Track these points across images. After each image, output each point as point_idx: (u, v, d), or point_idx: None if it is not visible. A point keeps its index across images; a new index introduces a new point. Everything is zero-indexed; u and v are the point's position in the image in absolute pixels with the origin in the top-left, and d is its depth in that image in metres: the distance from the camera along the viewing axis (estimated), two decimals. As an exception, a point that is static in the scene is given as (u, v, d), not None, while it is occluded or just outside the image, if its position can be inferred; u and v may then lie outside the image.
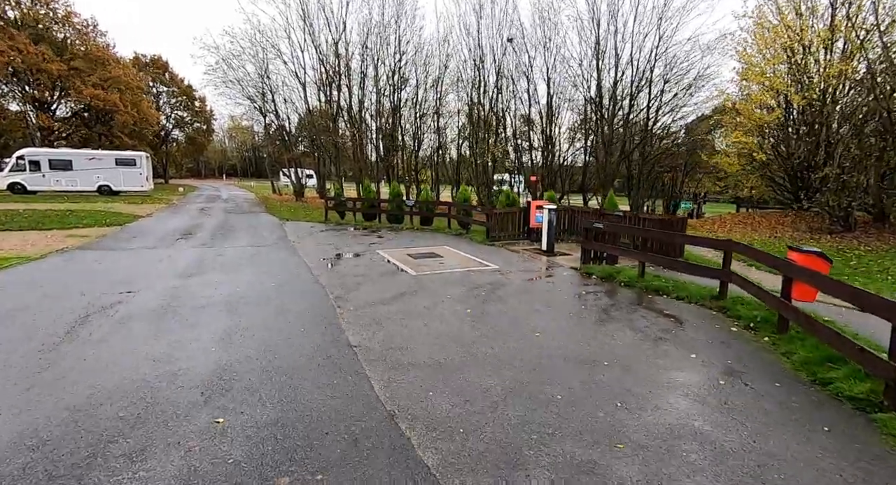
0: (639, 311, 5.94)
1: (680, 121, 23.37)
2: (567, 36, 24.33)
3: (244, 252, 10.15)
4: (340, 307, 5.97)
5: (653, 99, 22.56)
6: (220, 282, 7.25)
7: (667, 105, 22.66)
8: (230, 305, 5.92)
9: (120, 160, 26.89)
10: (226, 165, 78.21)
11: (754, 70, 16.22)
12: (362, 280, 7.67)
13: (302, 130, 32.15)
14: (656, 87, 22.36)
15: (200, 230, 13.74)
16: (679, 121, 23.37)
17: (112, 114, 36.47)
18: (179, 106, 52.92)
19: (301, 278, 7.71)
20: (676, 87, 21.60)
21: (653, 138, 23.64)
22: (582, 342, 4.77)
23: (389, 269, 8.74)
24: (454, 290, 7.06)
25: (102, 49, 37.66)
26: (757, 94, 16.21)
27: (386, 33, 24.62)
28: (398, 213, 16.99)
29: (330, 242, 12.23)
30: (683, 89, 21.46)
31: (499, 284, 7.55)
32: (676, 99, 22.10)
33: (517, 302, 6.39)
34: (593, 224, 8.46)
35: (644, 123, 23.25)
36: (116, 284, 6.99)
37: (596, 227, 8.40)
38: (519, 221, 12.73)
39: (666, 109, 22.66)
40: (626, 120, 23.38)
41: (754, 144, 16.93)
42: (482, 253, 10.66)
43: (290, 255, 10.05)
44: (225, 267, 8.47)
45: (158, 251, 10.01)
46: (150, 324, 5.13)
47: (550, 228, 10.58)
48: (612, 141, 23.87)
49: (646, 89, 22.33)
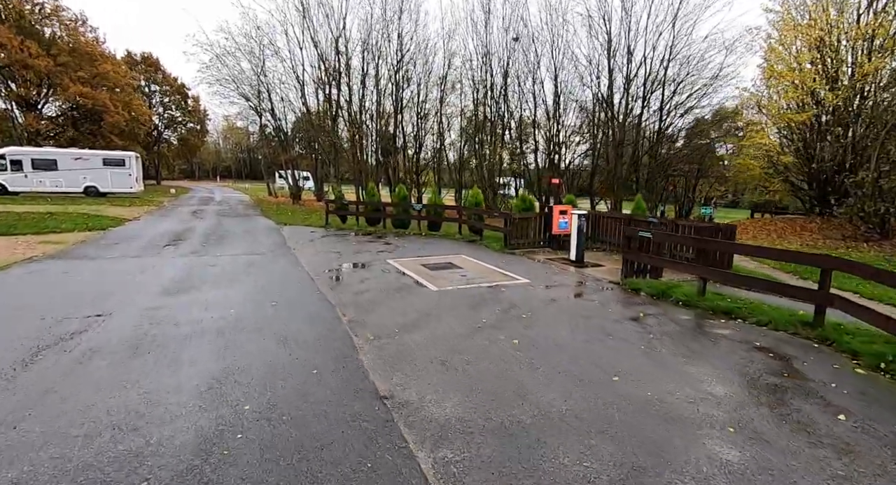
0: (721, 342, 4.89)
1: (693, 123, 22.52)
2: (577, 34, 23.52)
3: (239, 262, 9.02)
4: (357, 336, 4.88)
5: (666, 100, 21.68)
6: (212, 301, 6.13)
7: (681, 106, 21.80)
8: (223, 335, 4.80)
9: (108, 160, 25.61)
10: (220, 167, 76.78)
11: (783, 67, 15.35)
12: (377, 297, 6.58)
13: (299, 131, 31.01)
14: (669, 88, 21.50)
15: (191, 236, 12.58)
16: (692, 123, 22.52)
17: (101, 113, 35.10)
18: (172, 105, 51.56)
19: (306, 295, 6.61)
20: (691, 88, 20.72)
21: (665, 140, 22.75)
22: (677, 393, 3.71)
23: (405, 282, 7.65)
24: (487, 311, 5.99)
25: (91, 44, 36.36)
26: (785, 92, 15.32)
27: (388, 30, 23.60)
28: (404, 217, 15.92)
29: (333, 249, 11.12)
30: (699, 89, 20.59)
31: (536, 302, 6.49)
32: (691, 100, 21.24)
33: (568, 329, 5.32)
34: (639, 233, 7.43)
35: (657, 125, 22.35)
36: (86, 303, 5.85)
37: (643, 236, 7.37)
38: (540, 227, 11.70)
39: (680, 111, 21.80)
40: (639, 121, 22.50)
41: (776, 146, 16.07)
42: (504, 263, 9.60)
43: (290, 265, 8.94)
44: (217, 281, 7.35)
45: (142, 261, 8.86)
46: (119, 365, 4.01)
47: (580, 236, 9.55)
48: (622, 143, 22.96)
49: (659, 90, 21.45)
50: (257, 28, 25.52)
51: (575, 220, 9.57)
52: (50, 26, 34.81)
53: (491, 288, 7.36)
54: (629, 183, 23.40)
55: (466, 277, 8.12)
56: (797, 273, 9.21)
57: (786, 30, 15.39)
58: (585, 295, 7.02)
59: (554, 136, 23.86)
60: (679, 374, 4.08)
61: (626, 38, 21.09)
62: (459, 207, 14.76)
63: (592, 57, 22.17)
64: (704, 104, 21.32)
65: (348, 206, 17.37)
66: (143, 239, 11.74)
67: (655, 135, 22.53)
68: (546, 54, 22.71)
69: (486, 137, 25.58)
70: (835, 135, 15.17)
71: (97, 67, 35.82)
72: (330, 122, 26.58)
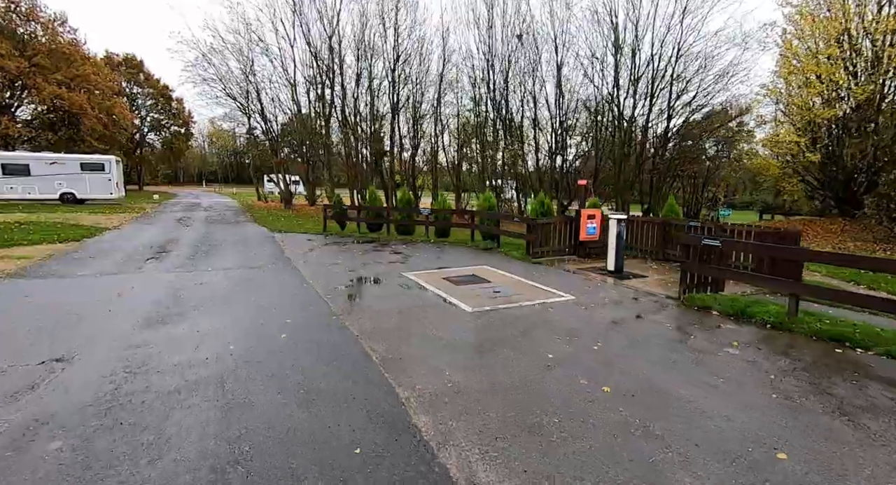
0: (868, 388, 3.86)
1: (702, 122, 21.78)
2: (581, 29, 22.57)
3: (234, 278, 7.81)
4: (400, 385, 3.75)
5: (674, 98, 20.91)
6: (205, 333, 4.94)
7: (690, 105, 21.06)
8: (222, 387, 3.64)
9: (86, 165, 24.04)
10: (206, 171, 74.78)
11: (802, 61, 14.60)
12: (405, 323, 5.46)
13: (291, 132, 29.68)
14: (678, 86, 20.75)
15: (177, 247, 11.30)
16: (701, 121, 21.77)
17: (80, 117, 33.34)
18: (155, 108, 49.73)
19: (319, 322, 5.46)
20: (699, 86, 19.95)
21: (673, 140, 21.98)
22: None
23: (432, 301, 6.53)
24: (545, 340, 4.91)
25: (71, 45, 34.63)
26: (808, 87, 14.56)
27: (384, 26, 22.51)
28: (409, 223, 14.80)
29: (338, 260, 9.95)
30: (708, 87, 19.83)
31: (597, 327, 5.42)
32: (699, 98, 20.49)
33: (659, 367, 4.26)
34: (703, 240, 6.42)
35: (665, 124, 21.58)
36: (44, 342, 4.63)
37: (709, 244, 6.36)
38: (566, 233, 10.67)
39: (689, 109, 21.05)
40: (646, 120, 21.71)
41: (799, 144, 15.30)
42: (535, 275, 8.53)
43: (294, 280, 7.76)
44: (210, 304, 6.15)
45: (120, 279, 7.59)
46: (75, 453, 2.82)
47: (619, 243, 8.52)
48: (629, 143, 22.16)
49: (667, 88, 20.67)
50: (247, 24, 24.29)
51: (614, 226, 8.54)
52: (25, 26, 33.01)
53: (534, 307, 6.27)
54: (635, 184, 22.60)
55: (500, 293, 7.03)
56: (857, 281, 8.29)
57: (805, 23, 14.65)
58: (649, 316, 5.97)
59: (557, 136, 22.99)
60: (866, 447, 3.03)
61: (633, 33, 20.30)
62: (471, 212, 13.68)
63: (598, 53, 21.33)
64: (714, 102, 20.61)
65: (347, 211, 16.19)
66: (123, 252, 10.43)
67: (663, 134, 21.76)
68: (549, 51, 21.88)
69: (486, 138, 24.63)
70: (862, 131, 14.44)
71: (76, 69, 34.10)
72: (323, 123, 25.36)
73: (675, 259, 9.79)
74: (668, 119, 21.41)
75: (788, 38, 15.56)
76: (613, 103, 21.78)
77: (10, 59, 29.18)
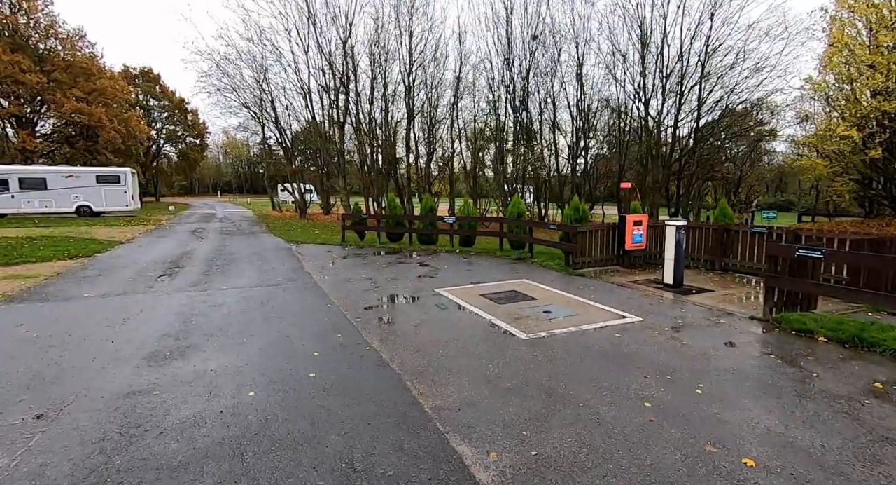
0: None
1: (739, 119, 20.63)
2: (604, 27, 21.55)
3: (251, 298, 7.05)
4: (472, 456, 2.88)
5: (705, 95, 19.84)
6: (220, 373, 4.14)
7: (720, 103, 19.96)
8: (240, 458, 2.80)
9: (102, 177, 23.81)
10: (220, 182, 75.32)
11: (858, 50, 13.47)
12: (454, 355, 4.59)
13: (305, 141, 29.23)
14: (709, 82, 19.68)
15: (191, 262, 10.64)
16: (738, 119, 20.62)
17: (97, 130, 33.44)
18: (171, 120, 50.07)
19: (352, 356, 4.62)
20: (735, 81, 18.83)
21: (705, 140, 20.85)
22: None
23: (477, 325, 5.66)
24: (631, 380, 3.99)
25: (89, 59, 34.88)
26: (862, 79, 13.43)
27: (399, 29, 21.90)
28: (431, 232, 13.99)
29: (362, 274, 9.15)
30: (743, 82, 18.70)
31: (687, 362, 4.48)
32: (732, 95, 19.37)
33: (800, 425, 3.32)
34: (798, 251, 5.44)
35: (696, 123, 20.47)
36: (27, 387, 3.87)
37: (807, 255, 5.37)
38: (608, 241, 9.72)
39: (720, 107, 19.95)
40: (676, 120, 20.66)
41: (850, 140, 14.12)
42: (582, 290, 7.61)
43: (317, 301, 6.96)
44: (225, 333, 5.37)
45: (127, 301, 6.89)
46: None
47: (679, 252, 7.55)
48: (657, 143, 21.11)
49: (698, 84, 19.60)
50: (260, 32, 23.93)
51: (672, 233, 7.58)
52: (44, 41, 33.32)
53: (599, 332, 5.36)
54: (663, 187, 21.48)
55: (553, 314, 6.13)
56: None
57: (859, 7, 13.55)
58: (743, 344, 5.01)
59: (578, 138, 22.08)
60: None
61: (661, 27, 19.32)
62: (501, 219, 12.80)
63: (623, 51, 20.39)
64: (748, 99, 19.48)
65: (367, 220, 15.44)
66: (134, 268, 9.79)
67: (693, 133, 20.66)
68: (568, 51, 21.01)
69: (505, 142, 23.81)
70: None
71: (94, 83, 34.32)
72: (337, 130, 24.81)
73: (737, 269, 8.78)
74: (697, 118, 20.35)
75: (840, 26, 14.44)
76: (640, 102, 20.79)
77: (31, 73, 29.35)
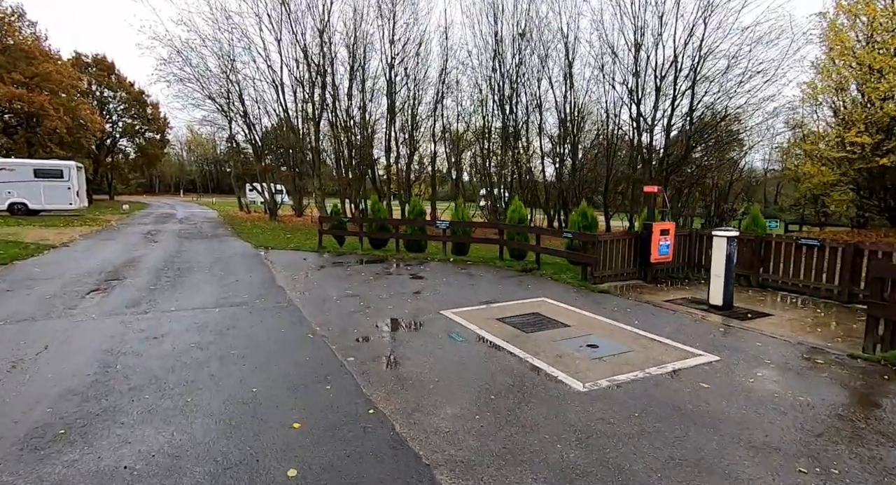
0: None
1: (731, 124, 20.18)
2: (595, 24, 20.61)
3: (207, 325, 5.42)
4: None
5: (699, 99, 19.28)
6: (136, 470, 2.58)
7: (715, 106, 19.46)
8: None
9: (40, 171, 21.11)
10: (183, 180, 71.18)
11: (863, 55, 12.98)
12: (499, 425, 3.18)
13: (276, 138, 27.15)
14: (701, 87, 19.13)
15: (135, 271, 8.80)
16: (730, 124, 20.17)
17: (39, 118, 30.28)
18: (128, 112, 46.48)
19: (352, 428, 3.13)
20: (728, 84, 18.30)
21: (699, 145, 20.30)
22: None
23: (511, 367, 4.27)
24: (764, 467, 2.71)
25: (30, 42, 31.63)
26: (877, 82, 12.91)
27: (381, 18, 20.41)
28: (420, 238, 12.56)
29: (346, 289, 7.61)
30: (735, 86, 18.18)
31: (803, 429, 3.24)
32: (725, 98, 18.87)
33: None
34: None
35: (689, 128, 19.88)
36: None
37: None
38: (629, 252, 8.56)
39: (717, 110, 19.43)
40: (668, 124, 20.01)
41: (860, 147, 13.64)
42: (617, 312, 6.36)
43: (294, 328, 5.41)
44: (161, 386, 3.77)
45: (31, 330, 5.14)
46: None
47: (729, 269, 6.40)
48: (650, 149, 20.43)
49: (691, 88, 19.02)
50: (227, 18, 21.86)
51: (722, 246, 6.41)
52: (-23, 22, 29.93)
53: (677, 381, 4.07)
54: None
55: (600, 350, 4.82)
56: None
57: (868, 9, 13.07)
58: (859, 396, 3.83)
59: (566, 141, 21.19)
60: None
61: (657, 26, 18.63)
62: (500, 225, 11.49)
63: (616, 51, 19.59)
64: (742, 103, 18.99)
65: (347, 224, 13.83)
66: (59, 280, 7.91)
67: (687, 139, 20.07)
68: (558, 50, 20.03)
69: (490, 144, 22.70)
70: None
71: (36, 67, 31.08)
72: (312, 127, 23.02)
73: (777, 286, 7.74)
74: (690, 121, 19.76)
75: (841, 30, 13.97)
76: (633, 104, 20.05)
77: (-43, 55, 26.15)
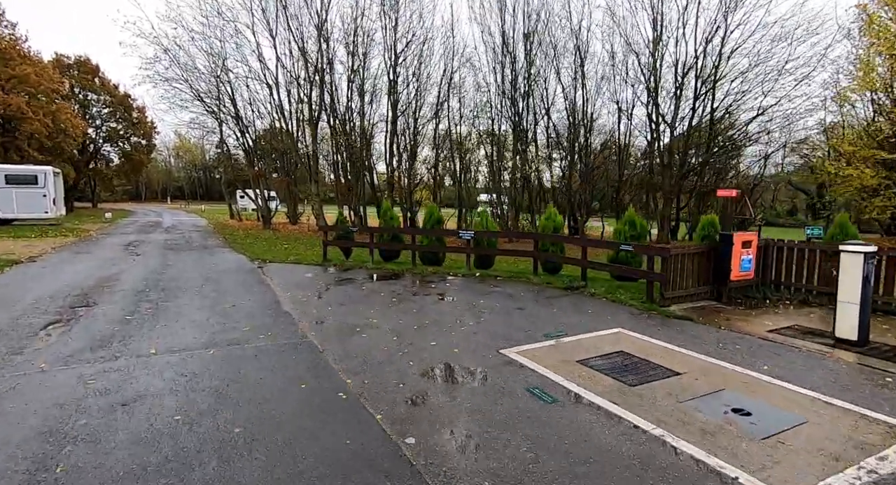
0: None
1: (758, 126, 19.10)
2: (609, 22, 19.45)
3: (197, 379, 3.93)
4: None
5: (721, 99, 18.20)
6: None
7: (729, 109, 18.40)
8: None
9: (12, 177, 19.37)
10: (171, 187, 69.03)
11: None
12: None
13: (270, 142, 25.59)
14: (724, 87, 18.06)
15: (109, 295, 7.25)
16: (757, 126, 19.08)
17: (17, 121, 28.43)
18: (113, 117, 44.53)
19: None
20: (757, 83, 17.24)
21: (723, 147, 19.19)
22: None
23: (635, 449, 2.86)
24: None
25: (8, 43, 29.81)
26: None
27: (384, 13, 19.12)
28: (438, 249, 11.17)
29: (370, 316, 6.15)
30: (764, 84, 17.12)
31: None
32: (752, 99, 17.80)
33: None
34: None
35: (709, 128, 18.79)
36: None
37: None
38: (701, 268, 7.22)
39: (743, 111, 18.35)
40: (689, 125, 18.87)
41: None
42: (725, 350, 4.99)
43: (317, 381, 3.94)
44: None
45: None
46: None
47: (866, 293, 5.04)
48: (670, 151, 19.27)
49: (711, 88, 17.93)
50: (217, 13, 20.40)
51: (859, 264, 5.06)
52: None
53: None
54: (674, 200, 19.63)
55: (757, 422, 3.43)
56: None
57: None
58: None
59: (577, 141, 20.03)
60: None
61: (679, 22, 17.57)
62: (535, 235, 10.12)
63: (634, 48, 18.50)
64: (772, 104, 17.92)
65: (354, 234, 12.36)
66: (15, 306, 6.34)
67: (709, 140, 18.97)
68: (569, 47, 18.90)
69: (497, 146, 21.47)
70: None
71: (13, 69, 29.27)
72: (310, 129, 21.57)
73: (879, 308, 6.44)
74: (711, 122, 18.67)
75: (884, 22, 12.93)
76: (651, 104, 18.92)
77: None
